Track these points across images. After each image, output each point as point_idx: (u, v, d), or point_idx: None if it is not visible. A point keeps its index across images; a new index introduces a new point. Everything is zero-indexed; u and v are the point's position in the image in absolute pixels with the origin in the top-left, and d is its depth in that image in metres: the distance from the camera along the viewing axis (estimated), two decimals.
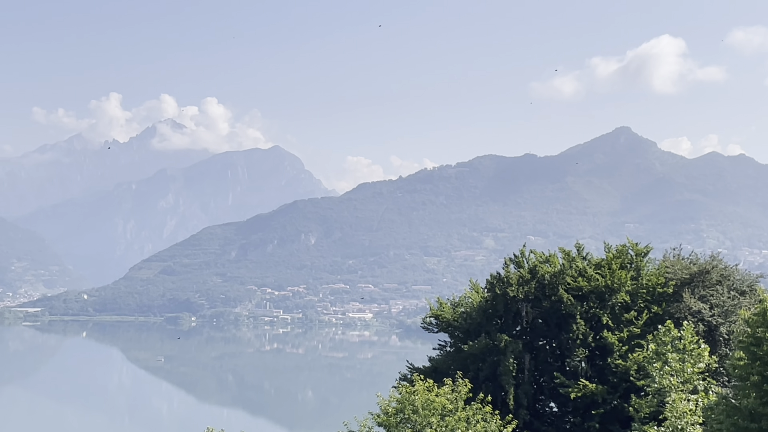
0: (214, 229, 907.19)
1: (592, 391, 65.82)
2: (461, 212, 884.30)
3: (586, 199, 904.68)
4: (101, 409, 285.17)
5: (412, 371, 71.15)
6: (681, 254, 75.66)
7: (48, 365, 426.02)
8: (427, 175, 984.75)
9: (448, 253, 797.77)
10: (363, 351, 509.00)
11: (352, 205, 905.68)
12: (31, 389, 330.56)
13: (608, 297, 69.86)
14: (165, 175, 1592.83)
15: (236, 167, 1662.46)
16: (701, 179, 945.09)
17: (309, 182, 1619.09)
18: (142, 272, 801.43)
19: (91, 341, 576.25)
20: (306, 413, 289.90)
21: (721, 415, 46.36)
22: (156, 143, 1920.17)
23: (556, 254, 74.18)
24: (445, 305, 74.53)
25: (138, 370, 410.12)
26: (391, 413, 51.74)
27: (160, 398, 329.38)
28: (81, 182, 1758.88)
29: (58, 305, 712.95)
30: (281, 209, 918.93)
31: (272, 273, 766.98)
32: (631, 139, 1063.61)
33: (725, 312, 68.58)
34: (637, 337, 67.35)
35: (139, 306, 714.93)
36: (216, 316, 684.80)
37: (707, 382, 54.40)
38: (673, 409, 50.77)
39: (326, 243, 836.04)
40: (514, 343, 68.89)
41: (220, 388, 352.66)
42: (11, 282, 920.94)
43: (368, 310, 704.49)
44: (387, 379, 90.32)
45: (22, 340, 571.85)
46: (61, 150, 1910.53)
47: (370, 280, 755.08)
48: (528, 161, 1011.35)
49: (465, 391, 53.35)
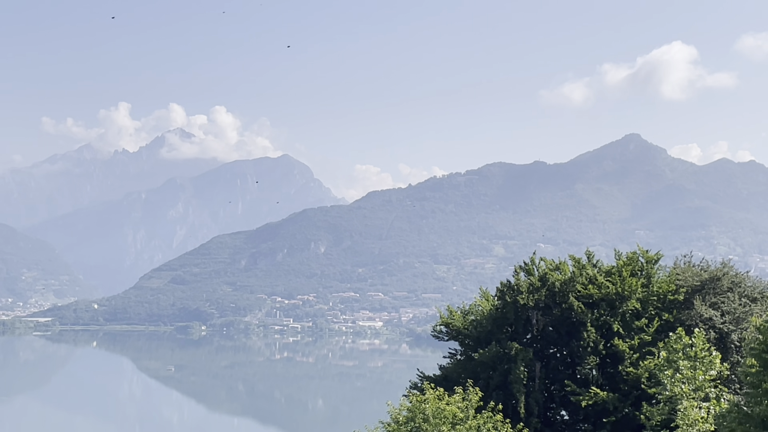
0: (223, 238, 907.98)
1: (604, 398, 65.60)
2: (471, 220, 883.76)
3: (596, 206, 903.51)
4: (112, 418, 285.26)
5: (423, 379, 71.04)
6: (692, 261, 75.44)
7: (59, 375, 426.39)
8: (437, 182, 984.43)
9: (458, 261, 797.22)
10: (373, 359, 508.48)
11: (362, 214, 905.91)
12: (43, 399, 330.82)
13: (619, 304, 69.65)
14: (174, 185, 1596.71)
15: (245, 176, 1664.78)
16: (711, 186, 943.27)
17: (318, 191, 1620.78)
18: (152, 281, 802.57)
19: (102, 351, 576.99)
20: (316, 422, 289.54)
21: (733, 422, 46.18)
22: (165, 152, 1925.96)
23: (566, 262, 74.01)
24: (455, 313, 74.41)
25: (148, 380, 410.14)
26: (401, 422, 51.72)
27: (171, 408, 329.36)
28: (91, 192, 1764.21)
29: (68, 315, 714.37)
30: (291, 218, 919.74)
31: (282, 282, 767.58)
32: (641, 146, 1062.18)
33: (736, 319, 68.32)
34: (648, 344, 67.14)
35: (149, 315, 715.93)
36: (226, 325, 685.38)
37: (719, 389, 54.22)
38: (684, 417, 50.61)
39: (336, 251, 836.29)
40: (524, 351, 68.72)
41: (231, 398, 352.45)
42: (22, 292, 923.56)
43: (378, 318, 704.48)
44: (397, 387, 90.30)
45: (33, 349, 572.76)
46: (71, 160, 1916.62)
47: (379, 288, 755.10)
48: (537, 168, 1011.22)
49: (476, 399, 53.31)
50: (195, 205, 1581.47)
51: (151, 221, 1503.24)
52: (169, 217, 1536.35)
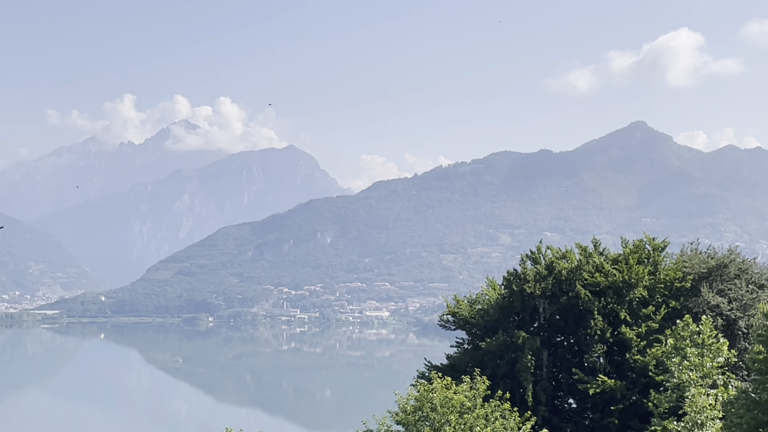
0: (230, 230, 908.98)
1: (611, 386, 65.62)
2: (477, 209, 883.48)
3: (602, 195, 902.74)
4: (120, 410, 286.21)
5: (430, 369, 71.11)
6: (698, 248, 75.31)
7: (67, 367, 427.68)
8: (442, 172, 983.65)
9: (465, 251, 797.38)
10: (380, 349, 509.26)
11: (368, 204, 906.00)
12: (52, 391, 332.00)
13: (626, 292, 69.57)
14: (180, 176, 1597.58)
15: (251, 167, 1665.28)
16: (718, 173, 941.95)
17: (324, 181, 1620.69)
18: (159, 273, 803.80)
19: (110, 343, 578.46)
20: (324, 412, 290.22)
21: (741, 409, 46.14)
22: (170, 144, 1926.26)
23: (572, 250, 73.90)
24: (462, 302, 74.38)
25: (156, 371, 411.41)
26: (409, 411, 51.70)
27: (179, 399, 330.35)
28: (97, 184, 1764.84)
29: (75, 307, 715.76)
30: (297, 208, 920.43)
31: (289, 272, 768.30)
32: (647, 134, 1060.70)
33: (744, 306, 68.24)
34: (655, 332, 67.08)
35: (157, 307, 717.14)
36: (233, 316, 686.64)
37: (726, 376, 54.11)
38: (692, 404, 50.55)
39: (342, 242, 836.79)
40: (531, 339, 68.72)
41: (239, 388, 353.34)
42: (29, 285, 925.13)
43: (385, 308, 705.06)
44: (405, 377, 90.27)
45: (41, 342, 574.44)
46: (76, 152, 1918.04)
47: (386, 278, 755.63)
48: (543, 157, 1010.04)
49: (483, 388, 53.25)
50: (201, 196, 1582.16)
51: (157, 213, 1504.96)
52: (176, 208, 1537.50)
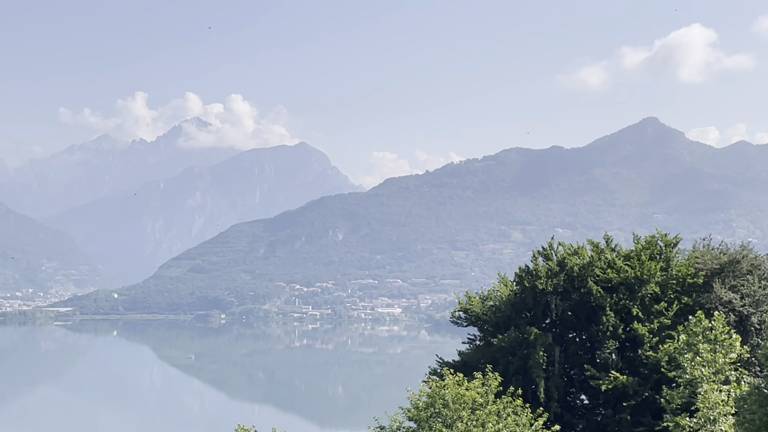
0: (242, 227, 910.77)
1: (623, 382, 65.56)
2: (488, 206, 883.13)
3: (614, 191, 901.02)
4: (133, 406, 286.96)
5: (442, 365, 71.13)
6: (711, 244, 75.10)
7: (80, 364, 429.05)
8: (454, 169, 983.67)
9: (476, 247, 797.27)
10: (392, 346, 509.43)
11: (379, 201, 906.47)
12: (65, 388, 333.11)
13: (638, 288, 69.50)
14: (192, 174, 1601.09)
15: (263, 164, 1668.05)
16: (730, 168, 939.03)
17: (336, 178, 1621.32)
18: (172, 270, 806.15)
19: (122, 340, 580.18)
20: (336, 409, 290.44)
21: (754, 405, 46.13)
22: (182, 142, 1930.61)
23: (584, 246, 73.81)
24: (473, 299, 74.37)
25: (169, 368, 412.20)
26: (421, 408, 51.85)
27: (192, 395, 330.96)
28: (109, 182, 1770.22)
29: (88, 304, 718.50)
30: (309, 205, 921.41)
31: (301, 269, 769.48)
32: (659, 130, 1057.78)
33: (756, 302, 68.10)
34: (667, 328, 66.97)
35: (169, 304, 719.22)
36: (245, 313, 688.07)
37: (739, 372, 54.09)
38: (705, 400, 50.56)
39: (354, 239, 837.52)
40: (543, 335, 68.70)
41: (251, 385, 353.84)
42: (42, 282, 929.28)
43: (397, 305, 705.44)
44: (417, 373, 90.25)
45: (54, 339, 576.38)
46: (89, 150, 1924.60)
47: (398, 275, 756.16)
48: (555, 153, 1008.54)
49: (495, 384, 53.35)
50: (213, 194, 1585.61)
51: (169, 211, 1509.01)
52: (188, 206, 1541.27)
